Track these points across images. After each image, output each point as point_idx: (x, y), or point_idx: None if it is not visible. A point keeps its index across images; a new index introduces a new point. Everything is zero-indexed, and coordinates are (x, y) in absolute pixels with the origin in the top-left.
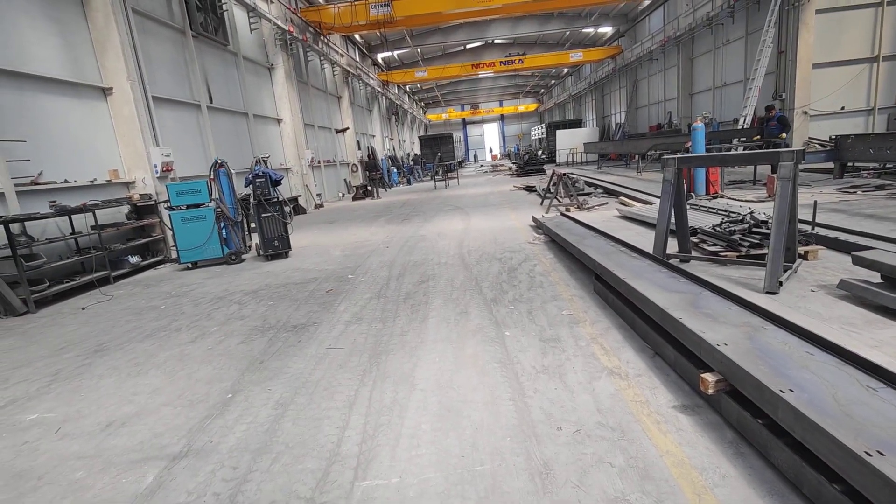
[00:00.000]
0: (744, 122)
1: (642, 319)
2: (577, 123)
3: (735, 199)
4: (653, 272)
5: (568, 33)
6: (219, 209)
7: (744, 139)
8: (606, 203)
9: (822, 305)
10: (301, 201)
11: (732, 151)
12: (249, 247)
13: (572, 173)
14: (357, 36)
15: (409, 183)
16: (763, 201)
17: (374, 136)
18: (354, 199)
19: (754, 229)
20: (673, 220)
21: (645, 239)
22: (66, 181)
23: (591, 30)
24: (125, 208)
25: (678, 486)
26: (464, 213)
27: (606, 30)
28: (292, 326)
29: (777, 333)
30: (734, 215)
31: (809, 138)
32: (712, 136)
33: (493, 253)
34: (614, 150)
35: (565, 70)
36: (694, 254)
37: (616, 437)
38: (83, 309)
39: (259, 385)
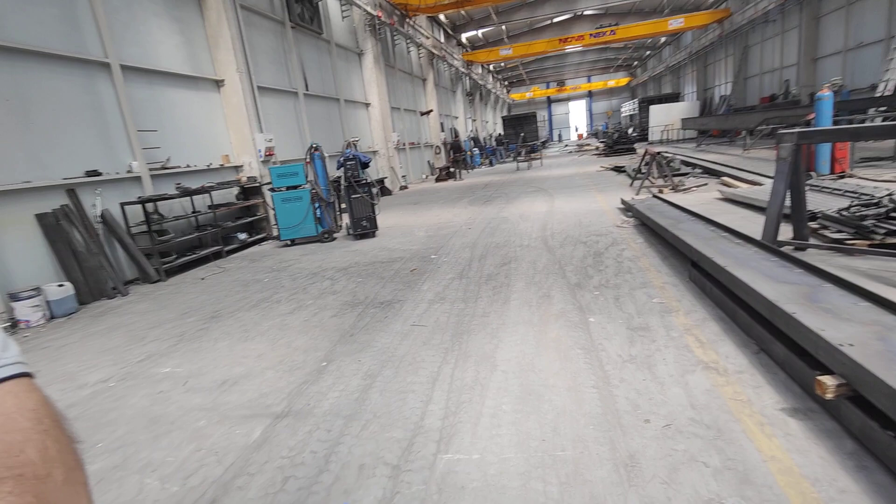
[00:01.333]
0: (885, 88)
1: (745, 312)
2: (674, 97)
3: (867, 179)
4: (760, 261)
5: None
6: (314, 190)
7: (883, 108)
8: (706, 184)
9: None
10: (387, 183)
11: (867, 124)
12: (340, 226)
13: (667, 152)
14: (442, 16)
15: (490, 164)
16: None
17: (456, 117)
18: (437, 180)
19: (893, 214)
20: (788, 203)
21: (751, 224)
22: (188, 166)
23: None
24: (234, 190)
25: (784, 496)
26: (547, 194)
27: None
28: (379, 303)
29: None
30: (866, 198)
31: None
32: (840, 106)
33: (577, 236)
34: (717, 125)
35: (662, 39)
36: (812, 241)
37: (711, 436)
38: (202, 279)
39: (349, 356)
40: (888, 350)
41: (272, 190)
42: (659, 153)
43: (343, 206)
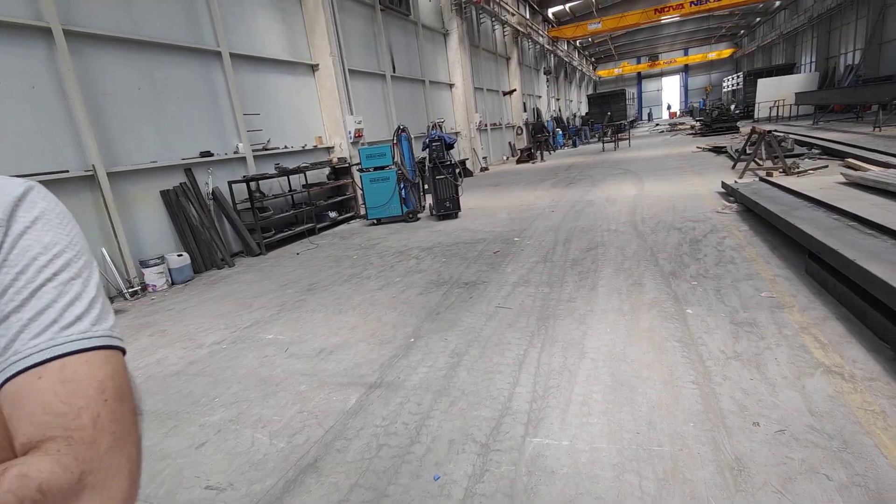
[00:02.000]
0: None
1: (879, 312)
2: (787, 69)
3: None
4: None
5: None
6: (400, 171)
7: None
8: (826, 167)
9: None
10: (468, 164)
11: None
12: (423, 207)
13: (778, 130)
14: None
15: (574, 145)
16: None
17: (540, 96)
18: (518, 161)
19: None
20: None
21: (888, 213)
22: (285, 147)
23: None
24: (326, 170)
25: None
26: (636, 177)
27: None
28: (464, 283)
29: None
30: None
31: None
32: None
33: (670, 222)
34: (841, 99)
35: (777, 3)
36: None
37: (835, 447)
38: (297, 254)
39: (436, 334)
40: None
41: (361, 170)
42: (769, 132)
43: (427, 186)
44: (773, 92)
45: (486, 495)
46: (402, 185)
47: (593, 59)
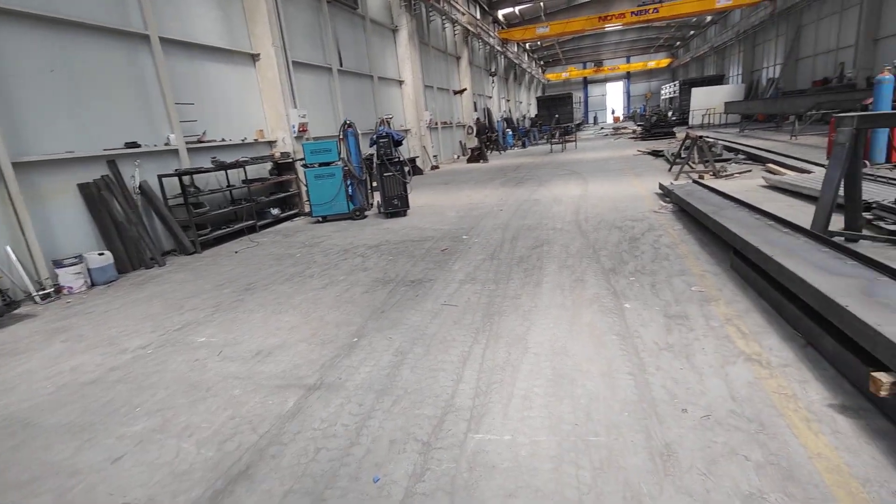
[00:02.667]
0: None
1: (793, 304)
2: (717, 80)
3: None
4: (810, 251)
5: None
6: (346, 167)
7: None
8: (750, 171)
9: None
10: (418, 162)
11: None
12: (371, 204)
13: (709, 136)
14: None
15: (524, 146)
16: None
17: (490, 97)
18: (469, 160)
19: None
20: (841, 192)
21: (800, 213)
22: (223, 140)
23: None
24: (268, 165)
25: (832, 495)
26: (581, 178)
27: None
28: (410, 281)
29: None
30: None
31: None
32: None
33: (612, 221)
34: (763, 109)
35: (709, 18)
36: (866, 233)
37: (753, 430)
38: (236, 252)
39: (380, 332)
40: None
41: (305, 166)
42: (701, 137)
43: (375, 184)
44: (706, 101)
45: (426, 494)
46: (348, 182)
47: (542, 63)
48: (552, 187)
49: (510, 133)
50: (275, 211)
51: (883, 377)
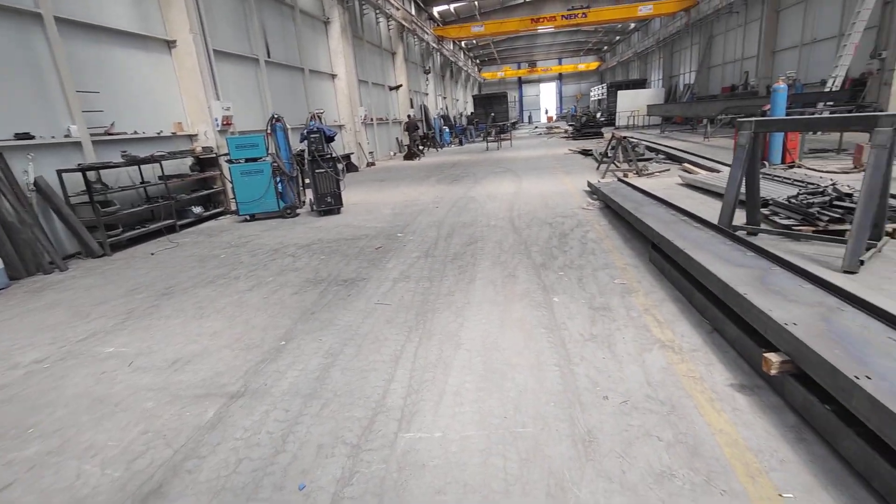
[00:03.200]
0: (833, 83)
1: (701, 293)
2: (641, 84)
3: (814, 170)
4: (716, 244)
5: None
6: (275, 164)
7: (831, 103)
8: (668, 170)
9: None
10: (353, 159)
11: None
12: (304, 202)
13: (633, 137)
14: None
15: (461, 143)
16: (847, 172)
17: (427, 94)
18: (406, 157)
19: (836, 202)
20: (743, 189)
21: (710, 209)
22: (135, 132)
23: None
24: (189, 160)
25: (730, 466)
26: (515, 175)
27: None
28: (342, 280)
29: (856, 316)
30: (812, 186)
31: None
32: (794, 98)
33: (544, 217)
34: (680, 113)
35: (632, 25)
36: (763, 227)
37: (665, 412)
38: (152, 254)
39: (310, 335)
40: (830, 330)
41: (230, 162)
42: (625, 138)
43: (307, 180)
44: (631, 103)
45: (354, 498)
46: (278, 179)
47: (478, 62)
48: (488, 184)
49: (447, 130)
50: (197, 209)
51: (773, 357)
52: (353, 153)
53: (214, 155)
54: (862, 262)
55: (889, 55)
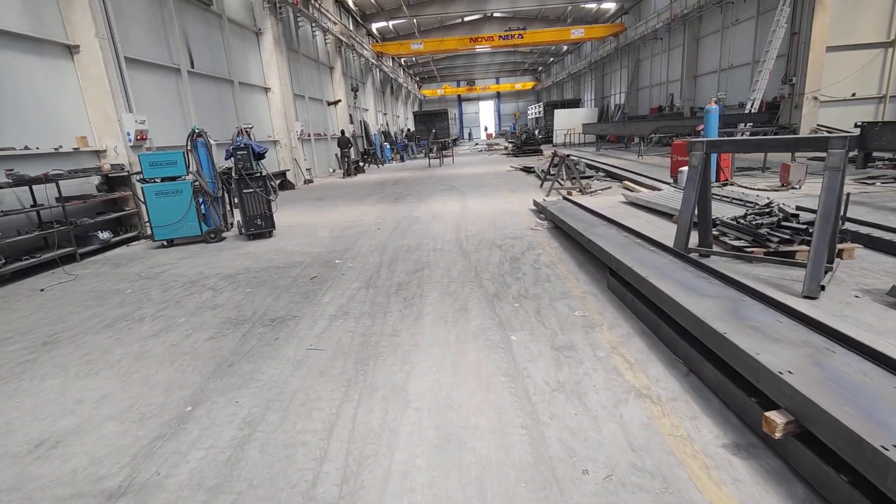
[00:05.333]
0: (751, 106)
1: (669, 326)
2: (575, 103)
3: (747, 188)
4: (677, 270)
5: (570, 8)
6: (196, 183)
7: (750, 124)
8: (610, 187)
9: (873, 315)
10: (289, 176)
11: (738, 137)
12: (232, 224)
13: (573, 155)
14: (351, 3)
15: (402, 160)
16: (776, 190)
17: (367, 109)
18: (346, 174)
19: (784, 223)
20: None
21: (657, 228)
22: (26, 147)
23: (593, 5)
24: (95, 179)
25: None
26: (460, 193)
27: (609, 6)
28: (270, 320)
29: (849, 359)
30: (755, 206)
31: (818, 125)
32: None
33: (492, 239)
34: (615, 131)
35: (565, 48)
36: (715, 248)
37: (658, 488)
38: (41, 290)
39: (225, 395)
40: (829, 379)
41: (143, 181)
42: (568, 156)
43: (236, 200)
44: (567, 121)
45: None
46: (200, 200)
47: (418, 79)
48: (432, 203)
49: (388, 147)
50: (104, 235)
51: (776, 418)
52: (289, 170)
53: (126, 173)
54: (823, 288)
55: (798, 81)
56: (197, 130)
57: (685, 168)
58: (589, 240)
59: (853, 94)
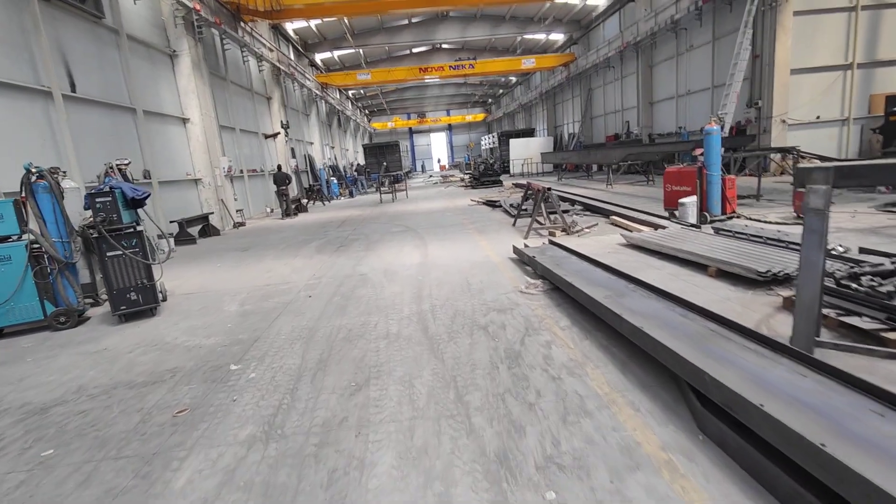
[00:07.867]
0: (722, 130)
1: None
2: (530, 133)
3: (758, 220)
4: (824, 392)
5: (519, 39)
6: (36, 244)
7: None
8: (596, 224)
9: None
10: (214, 220)
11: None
12: (100, 298)
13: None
14: (291, 32)
15: (351, 195)
16: (789, 224)
17: (311, 143)
18: (286, 215)
19: None
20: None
21: (698, 288)
22: None
23: (542, 36)
24: None
25: None
26: (417, 236)
27: (558, 37)
28: None
29: None
30: (867, 261)
31: (796, 150)
32: (681, 145)
33: (470, 313)
34: (578, 160)
35: (514, 79)
36: (841, 339)
37: None
38: None
39: None
40: None
41: None
42: (549, 189)
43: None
44: (523, 151)
45: None
46: (47, 268)
47: (367, 112)
48: (384, 252)
49: (335, 182)
50: None
51: None
52: (213, 213)
53: None
54: None
55: (764, 104)
56: (37, 171)
57: (687, 199)
58: (632, 326)
59: (818, 117)
